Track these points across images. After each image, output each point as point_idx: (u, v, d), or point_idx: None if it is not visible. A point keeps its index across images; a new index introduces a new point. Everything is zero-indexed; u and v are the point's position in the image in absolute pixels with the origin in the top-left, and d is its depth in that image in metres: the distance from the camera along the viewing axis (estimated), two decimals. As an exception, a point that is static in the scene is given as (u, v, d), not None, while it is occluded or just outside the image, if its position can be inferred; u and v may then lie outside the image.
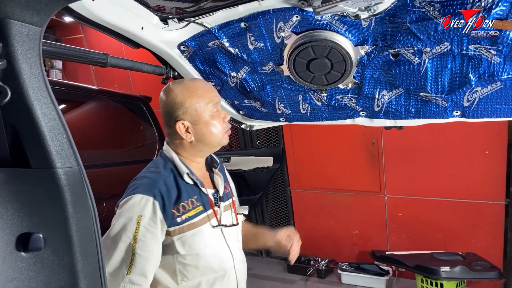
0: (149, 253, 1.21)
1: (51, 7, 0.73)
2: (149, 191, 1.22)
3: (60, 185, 0.74)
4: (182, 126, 1.30)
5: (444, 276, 3.09)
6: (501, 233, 3.49)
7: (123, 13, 1.22)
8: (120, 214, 1.22)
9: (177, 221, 1.25)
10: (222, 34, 1.43)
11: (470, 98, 1.46)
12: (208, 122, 1.31)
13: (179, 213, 1.26)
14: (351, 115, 1.76)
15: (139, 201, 1.21)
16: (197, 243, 1.29)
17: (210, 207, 1.34)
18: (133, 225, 1.19)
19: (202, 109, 1.30)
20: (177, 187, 1.29)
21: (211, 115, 1.31)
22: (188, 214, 1.27)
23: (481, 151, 3.42)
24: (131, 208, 1.21)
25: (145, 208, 1.21)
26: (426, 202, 3.78)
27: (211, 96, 1.32)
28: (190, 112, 1.29)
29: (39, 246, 0.72)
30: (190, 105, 1.29)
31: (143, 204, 1.21)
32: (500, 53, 1.26)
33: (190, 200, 1.30)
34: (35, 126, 0.73)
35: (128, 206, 1.21)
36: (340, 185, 4.18)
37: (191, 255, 1.29)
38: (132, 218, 1.20)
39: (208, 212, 1.33)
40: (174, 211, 1.25)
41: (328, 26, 1.33)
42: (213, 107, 1.32)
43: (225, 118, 1.36)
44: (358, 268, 3.99)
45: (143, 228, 1.19)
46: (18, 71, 0.72)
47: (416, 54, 1.35)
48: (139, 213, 1.20)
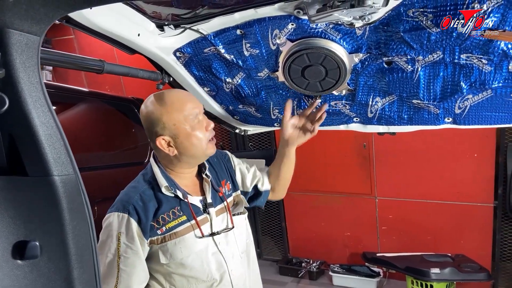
0: (131, 268, 1.23)
1: (50, 17, 0.73)
2: (124, 209, 1.25)
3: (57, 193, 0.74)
4: (163, 142, 1.28)
5: (434, 278, 3.12)
6: (490, 235, 3.55)
7: (120, 20, 1.22)
8: (103, 231, 1.26)
9: (158, 232, 1.27)
10: (218, 41, 1.44)
11: (462, 105, 1.48)
12: (189, 134, 1.28)
13: (159, 225, 1.27)
14: (345, 121, 1.78)
15: (116, 219, 1.24)
16: (179, 252, 1.29)
17: (192, 218, 1.33)
18: (114, 242, 1.23)
19: (181, 123, 1.27)
20: (156, 200, 1.30)
21: (191, 127, 1.29)
22: (169, 224, 1.28)
23: (470, 154, 3.48)
24: (109, 225, 1.25)
25: (122, 225, 1.24)
26: (416, 204, 3.83)
27: (189, 107, 1.29)
28: (169, 127, 1.27)
29: (35, 254, 0.72)
30: (168, 120, 1.26)
31: (119, 222, 1.24)
32: (491, 62, 1.28)
33: (171, 211, 1.30)
34: (32, 135, 0.74)
35: (107, 223, 1.26)
36: (331, 187, 4.20)
37: (175, 263, 1.29)
38: (112, 235, 1.23)
39: (192, 222, 1.32)
40: (153, 224, 1.27)
41: (323, 34, 1.35)
42: (193, 119, 1.29)
43: (207, 127, 1.33)
44: (349, 270, 4.03)
45: (123, 245, 1.23)
46: (17, 80, 0.72)
47: (409, 62, 1.38)
48: (118, 230, 1.23)
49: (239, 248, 1.45)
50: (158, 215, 1.27)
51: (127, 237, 1.23)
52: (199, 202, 1.37)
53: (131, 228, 1.23)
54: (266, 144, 4.47)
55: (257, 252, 4.83)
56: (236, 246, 1.44)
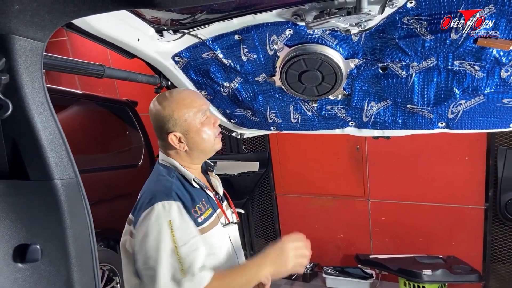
0: (193, 251, 1.19)
1: (54, 23, 0.74)
2: (168, 196, 1.22)
3: (58, 197, 0.75)
4: (174, 138, 1.31)
5: (426, 279, 3.16)
6: (481, 237, 3.59)
7: (120, 26, 1.23)
8: (148, 229, 1.18)
9: (198, 221, 1.27)
10: (216, 46, 1.45)
11: (455, 110, 1.52)
12: (199, 130, 1.32)
13: (197, 214, 1.27)
14: (340, 125, 1.80)
15: (162, 208, 1.20)
16: (216, 242, 1.31)
17: (218, 207, 1.38)
18: (167, 233, 1.17)
19: (192, 119, 1.31)
20: (188, 192, 1.30)
21: (201, 123, 1.33)
22: (204, 215, 1.30)
23: (462, 157, 3.52)
24: (157, 218, 1.19)
25: (171, 212, 1.19)
26: (409, 207, 3.86)
27: (198, 104, 1.33)
28: (180, 123, 1.30)
29: (36, 257, 0.73)
30: (179, 116, 1.30)
31: (167, 210, 1.20)
32: (483, 69, 1.32)
33: (201, 203, 1.32)
34: (35, 139, 0.74)
35: (154, 217, 1.19)
36: (325, 189, 4.22)
37: (211, 254, 1.29)
38: (163, 226, 1.18)
39: (218, 212, 1.37)
40: (192, 212, 1.26)
41: (319, 40, 1.37)
42: (202, 115, 1.34)
43: (215, 123, 1.38)
44: (342, 272, 4.04)
45: (177, 231, 1.18)
46: (20, 85, 0.73)
47: (403, 68, 1.40)
48: (168, 219, 1.18)
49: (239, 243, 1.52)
50: (194, 205, 1.28)
51: (180, 221, 1.20)
52: (213, 196, 1.42)
53: (181, 212, 1.21)
54: (260, 146, 4.48)
55: (251, 254, 4.83)
56: (239, 240, 1.51)
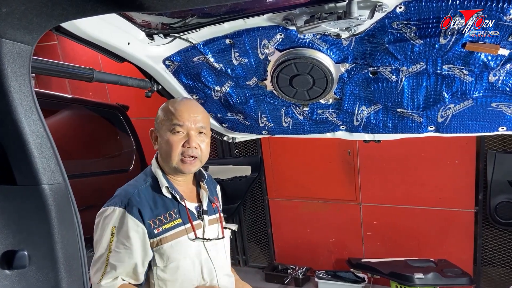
0: (121, 263, 1.25)
1: (43, 26, 0.73)
2: (121, 203, 1.27)
3: (46, 202, 0.74)
4: (152, 133, 1.40)
5: (417, 283, 3.17)
6: (471, 240, 3.62)
7: (110, 29, 1.22)
8: (96, 225, 1.29)
9: (155, 232, 1.28)
10: (207, 50, 1.45)
11: (444, 114, 1.53)
12: (164, 135, 1.33)
13: (156, 225, 1.29)
14: (331, 129, 1.81)
15: (112, 212, 1.26)
16: (176, 253, 1.31)
17: (188, 220, 1.35)
18: (107, 236, 1.25)
19: (165, 122, 1.34)
20: (154, 200, 1.32)
21: (171, 132, 1.32)
22: (165, 226, 1.30)
23: (451, 161, 3.56)
24: (105, 219, 1.26)
25: (113, 218, 1.25)
26: (400, 210, 3.89)
27: (182, 116, 1.31)
28: (156, 120, 1.37)
29: (23, 263, 0.71)
30: (160, 114, 1.37)
31: (110, 215, 1.26)
32: (472, 73, 1.33)
33: (168, 213, 1.32)
34: (23, 144, 0.73)
35: (103, 218, 1.27)
36: (317, 193, 4.23)
37: (170, 268, 1.30)
38: (106, 229, 1.25)
39: (186, 226, 1.35)
40: (150, 222, 1.28)
41: (310, 44, 1.37)
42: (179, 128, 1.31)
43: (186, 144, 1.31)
44: (334, 276, 4.05)
45: (116, 239, 1.25)
46: (8, 90, 0.72)
47: (393, 72, 1.42)
48: (113, 224, 1.25)
49: (227, 258, 1.49)
50: (155, 216, 1.29)
51: (121, 232, 1.24)
52: (195, 208, 1.41)
53: (126, 223, 1.24)
54: (253, 151, 4.48)
55: (243, 259, 4.82)
56: (225, 256, 1.48)
